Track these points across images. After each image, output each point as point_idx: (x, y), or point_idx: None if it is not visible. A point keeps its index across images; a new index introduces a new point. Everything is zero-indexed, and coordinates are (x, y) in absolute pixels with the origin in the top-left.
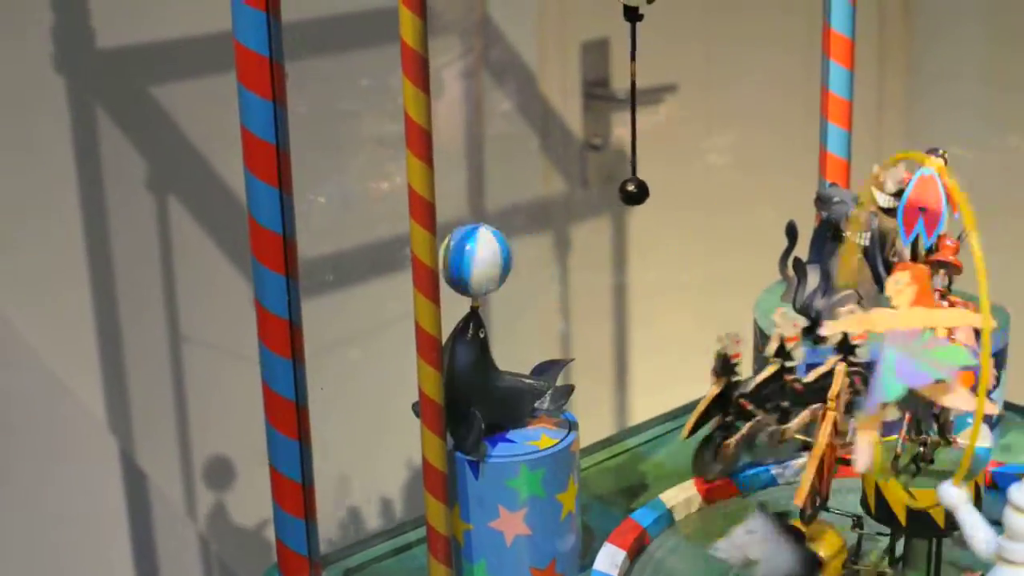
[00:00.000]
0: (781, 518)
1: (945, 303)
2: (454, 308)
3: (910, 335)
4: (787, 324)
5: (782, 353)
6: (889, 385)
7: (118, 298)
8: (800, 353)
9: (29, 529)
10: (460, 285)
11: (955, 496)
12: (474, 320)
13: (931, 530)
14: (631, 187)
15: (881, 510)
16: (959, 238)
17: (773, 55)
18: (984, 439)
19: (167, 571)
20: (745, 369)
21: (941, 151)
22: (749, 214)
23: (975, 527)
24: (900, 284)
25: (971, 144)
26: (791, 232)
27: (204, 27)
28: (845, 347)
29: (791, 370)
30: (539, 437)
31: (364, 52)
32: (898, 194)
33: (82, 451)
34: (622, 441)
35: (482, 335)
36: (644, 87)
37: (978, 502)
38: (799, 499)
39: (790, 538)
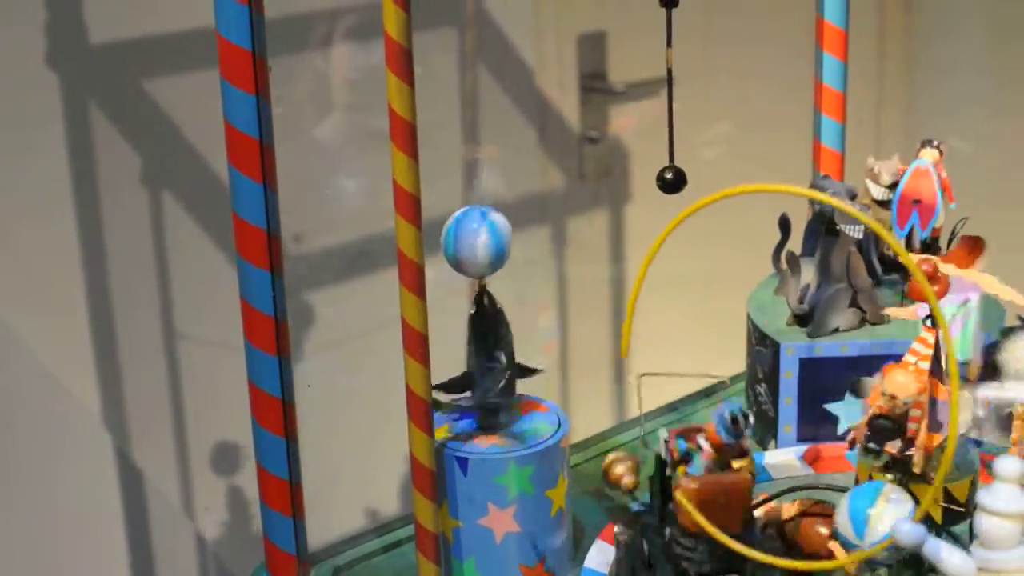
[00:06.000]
0: None
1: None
2: (443, 303)
3: None
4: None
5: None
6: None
7: (112, 294)
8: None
9: (25, 525)
10: (469, 266)
11: (914, 535)
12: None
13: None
14: (668, 175)
15: None
16: (955, 229)
17: (770, 50)
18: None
19: (163, 568)
20: (739, 362)
21: (937, 142)
22: (744, 208)
23: (949, 558)
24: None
25: (971, 137)
26: (784, 225)
27: (197, 22)
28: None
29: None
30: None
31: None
32: (893, 186)
33: (77, 448)
34: (615, 436)
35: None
36: (642, 80)
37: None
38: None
39: None
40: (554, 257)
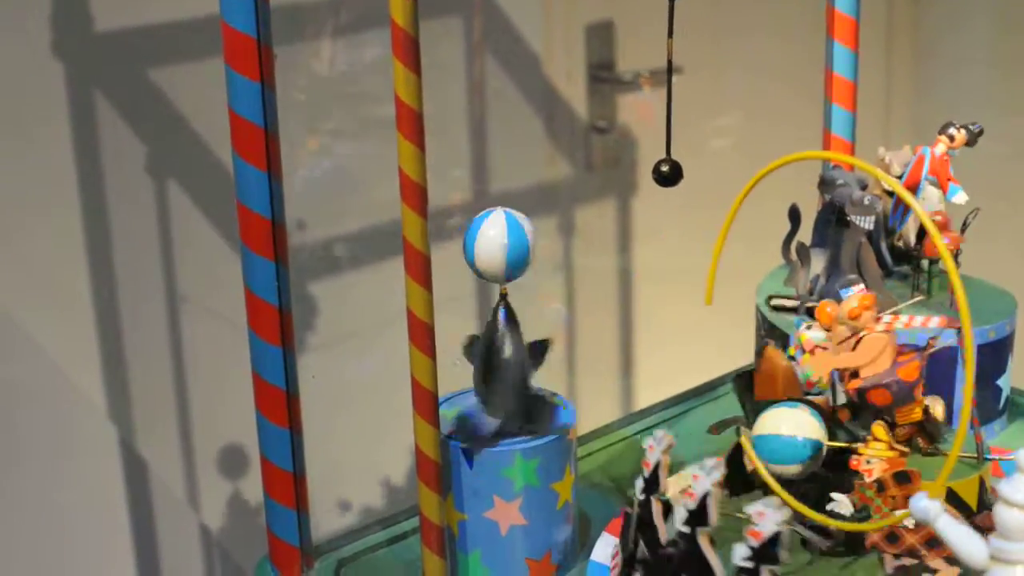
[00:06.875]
0: None
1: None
2: (449, 293)
3: None
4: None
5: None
6: None
7: (117, 284)
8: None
9: (30, 518)
10: (474, 270)
11: (930, 510)
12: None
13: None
14: (665, 168)
15: None
16: (966, 221)
17: (779, 41)
18: None
19: (168, 560)
20: (747, 354)
21: (957, 126)
22: (753, 200)
23: (962, 539)
24: None
25: None
26: (794, 215)
27: (203, 10)
28: None
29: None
30: None
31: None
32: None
33: (83, 440)
34: (621, 429)
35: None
36: (651, 69)
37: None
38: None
39: None
40: (561, 248)
